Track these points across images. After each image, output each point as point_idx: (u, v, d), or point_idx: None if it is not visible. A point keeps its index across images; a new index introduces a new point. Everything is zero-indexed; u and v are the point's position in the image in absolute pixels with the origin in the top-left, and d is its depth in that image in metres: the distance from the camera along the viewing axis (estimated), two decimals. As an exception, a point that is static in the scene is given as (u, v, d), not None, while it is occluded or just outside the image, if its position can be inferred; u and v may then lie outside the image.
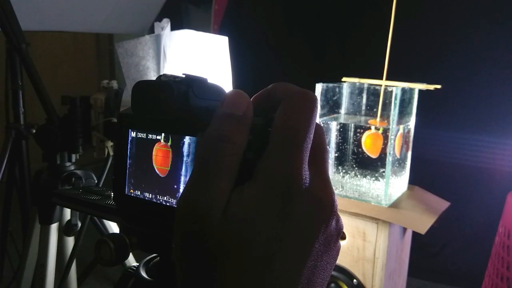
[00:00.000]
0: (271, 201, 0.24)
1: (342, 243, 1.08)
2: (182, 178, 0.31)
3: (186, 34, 0.98)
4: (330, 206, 0.26)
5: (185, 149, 0.31)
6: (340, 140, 1.16)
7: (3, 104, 1.29)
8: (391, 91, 1.07)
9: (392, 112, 1.06)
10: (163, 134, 0.32)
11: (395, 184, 1.16)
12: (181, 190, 0.31)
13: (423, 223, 1.02)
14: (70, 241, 1.04)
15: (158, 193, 0.33)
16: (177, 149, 0.31)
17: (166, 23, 0.96)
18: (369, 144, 1.11)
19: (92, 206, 0.53)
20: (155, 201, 0.33)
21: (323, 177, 0.27)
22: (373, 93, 1.17)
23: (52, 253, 0.99)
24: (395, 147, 1.09)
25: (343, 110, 1.22)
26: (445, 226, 1.35)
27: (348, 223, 1.06)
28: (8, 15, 0.93)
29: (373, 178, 1.12)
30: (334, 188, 0.27)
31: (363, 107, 1.20)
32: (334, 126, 1.17)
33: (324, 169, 0.27)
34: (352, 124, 1.15)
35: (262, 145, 0.26)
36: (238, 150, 0.26)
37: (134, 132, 0.34)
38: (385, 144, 1.08)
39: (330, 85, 1.17)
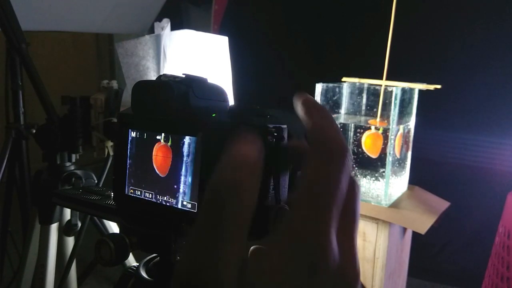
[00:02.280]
0: (295, 274, 0.22)
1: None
2: (182, 178, 0.31)
3: (186, 34, 0.97)
4: (355, 284, 0.24)
5: (185, 149, 0.31)
6: (340, 140, 1.16)
7: (3, 104, 1.29)
8: (391, 91, 1.07)
9: (392, 112, 1.06)
10: (163, 134, 0.32)
11: (395, 184, 1.16)
12: (181, 190, 0.31)
13: (423, 223, 1.02)
14: (70, 241, 1.04)
15: (158, 193, 0.33)
16: (177, 149, 0.31)
17: (166, 23, 0.96)
18: (369, 144, 1.11)
19: (92, 206, 0.53)
20: (155, 201, 0.33)
21: (352, 251, 0.24)
22: (373, 93, 1.17)
23: (52, 253, 0.99)
24: (395, 147, 1.09)
25: (343, 110, 1.22)
26: (445, 226, 1.35)
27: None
28: (8, 15, 0.93)
29: (373, 178, 1.12)
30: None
31: (363, 107, 1.20)
32: (334, 126, 1.17)
33: (354, 239, 0.25)
34: (352, 124, 1.15)
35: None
36: (251, 200, 0.22)
37: (134, 132, 0.34)
38: (385, 144, 1.08)
39: (330, 85, 1.17)
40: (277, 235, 0.23)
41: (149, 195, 0.33)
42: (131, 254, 0.37)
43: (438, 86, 1.12)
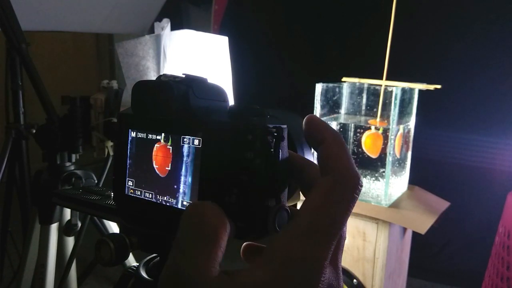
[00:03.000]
0: None
1: (342, 243, 1.08)
2: (182, 178, 0.31)
3: (186, 34, 0.97)
4: None
5: (185, 149, 0.31)
6: (340, 140, 1.16)
7: (3, 104, 1.29)
8: (391, 91, 1.07)
9: (392, 112, 1.06)
10: (163, 134, 0.32)
11: (395, 184, 1.16)
12: (181, 190, 0.31)
13: (423, 223, 1.02)
14: (70, 241, 1.04)
15: (158, 193, 0.33)
16: (177, 149, 0.31)
17: (166, 23, 0.96)
18: (369, 144, 1.11)
19: (92, 206, 0.53)
20: (155, 201, 0.33)
21: (338, 272, 0.25)
22: (373, 93, 1.17)
23: (52, 253, 0.99)
24: (395, 147, 1.09)
25: (343, 110, 1.22)
26: (445, 226, 1.35)
27: (348, 223, 1.06)
28: (8, 15, 0.93)
29: (373, 178, 1.12)
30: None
31: (363, 107, 1.20)
32: (334, 126, 1.17)
33: (339, 263, 0.26)
34: (352, 124, 1.15)
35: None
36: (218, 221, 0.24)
37: (134, 132, 0.34)
38: (385, 144, 1.08)
39: (330, 85, 1.17)
40: (271, 253, 0.23)
41: (149, 195, 0.33)
42: (131, 254, 0.37)
43: (438, 86, 1.12)
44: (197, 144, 0.30)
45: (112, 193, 0.38)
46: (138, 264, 0.40)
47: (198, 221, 0.23)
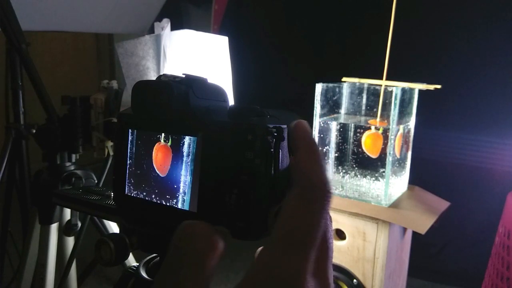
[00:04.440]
0: None
1: (342, 243, 1.08)
2: (182, 178, 0.31)
3: (186, 34, 0.97)
4: None
5: (185, 149, 0.31)
6: (340, 140, 1.16)
7: (3, 104, 1.29)
8: (391, 91, 1.07)
9: (392, 112, 1.06)
10: (163, 134, 0.32)
11: (395, 184, 1.16)
12: (181, 190, 0.31)
13: (423, 223, 1.02)
14: (70, 241, 1.04)
15: (158, 193, 0.33)
16: (177, 149, 0.31)
17: (166, 23, 0.96)
18: (369, 144, 1.11)
19: (92, 206, 0.53)
20: (155, 201, 0.33)
21: (326, 284, 0.24)
22: (373, 93, 1.17)
23: (52, 253, 0.99)
24: (395, 147, 1.09)
25: (343, 110, 1.22)
26: (445, 226, 1.35)
27: (348, 223, 1.06)
28: (8, 15, 0.93)
29: (373, 178, 1.12)
30: (334, 188, 0.26)
31: (363, 107, 1.20)
32: (334, 126, 1.17)
33: (328, 272, 0.25)
34: (352, 124, 1.15)
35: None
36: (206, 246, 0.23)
37: (134, 132, 0.34)
38: (385, 144, 1.08)
39: (330, 85, 1.17)
40: (253, 270, 0.23)
41: (149, 195, 0.33)
42: (131, 254, 0.37)
43: (438, 86, 1.12)
44: (197, 144, 0.30)
45: (112, 193, 0.38)
46: (138, 264, 0.41)
47: (185, 245, 0.23)
